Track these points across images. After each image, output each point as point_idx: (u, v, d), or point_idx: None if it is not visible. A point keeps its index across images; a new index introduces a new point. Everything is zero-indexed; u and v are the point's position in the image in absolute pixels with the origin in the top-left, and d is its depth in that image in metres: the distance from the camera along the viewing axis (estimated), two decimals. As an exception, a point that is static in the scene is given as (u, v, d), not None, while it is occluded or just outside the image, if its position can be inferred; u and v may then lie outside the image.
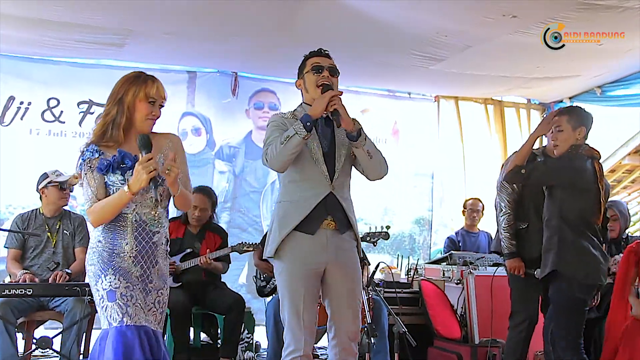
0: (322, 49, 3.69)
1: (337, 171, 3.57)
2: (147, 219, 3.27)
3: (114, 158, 3.18)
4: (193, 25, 5.82)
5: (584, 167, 4.27)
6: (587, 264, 4.20)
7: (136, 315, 3.14)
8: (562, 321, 4.22)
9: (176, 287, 5.82)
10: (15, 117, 6.70)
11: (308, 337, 3.56)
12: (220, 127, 7.40)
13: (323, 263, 3.55)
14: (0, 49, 6.53)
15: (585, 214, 4.26)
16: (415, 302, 5.92)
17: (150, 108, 3.28)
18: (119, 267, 3.19)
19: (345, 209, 3.58)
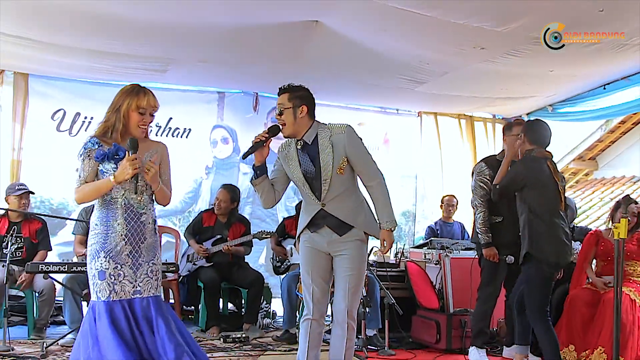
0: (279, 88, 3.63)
1: (324, 191, 3.52)
2: (134, 203, 3.25)
3: (109, 150, 3.18)
4: (222, 54, 5.82)
5: (541, 167, 4.29)
6: (556, 248, 4.23)
7: (122, 291, 3.17)
8: (535, 294, 4.28)
9: (208, 267, 5.87)
10: (81, 129, 6.72)
11: (317, 306, 3.59)
12: (244, 137, 7.36)
13: (326, 250, 3.59)
14: (69, 75, 6.60)
15: (550, 205, 4.28)
16: (402, 279, 5.90)
17: (140, 117, 3.24)
18: (109, 249, 3.19)
19: (339, 218, 3.54)
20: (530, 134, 4.41)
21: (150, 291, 3.26)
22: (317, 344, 3.67)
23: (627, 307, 4.68)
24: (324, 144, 3.52)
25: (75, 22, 4.88)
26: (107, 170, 3.19)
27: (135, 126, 3.24)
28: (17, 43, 5.38)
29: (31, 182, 6.15)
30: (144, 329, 3.17)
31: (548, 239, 4.22)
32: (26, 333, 5.43)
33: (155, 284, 3.29)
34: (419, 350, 5.29)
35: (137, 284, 3.22)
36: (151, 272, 3.29)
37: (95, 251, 3.19)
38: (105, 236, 3.20)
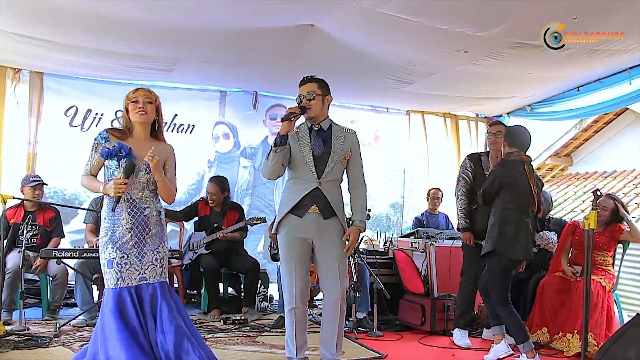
0: (305, 77, 3.71)
1: (326, 172, 3.61)
2: (136, 198, 3.33)
3: (113, 148, 3.26)
4: (223, 55, 5.81)
5: (517, 170, 4.31)
6: (520, 247, 4.26)
7: (128, 278, 3.25)
8: (496, 284, 4.31)
9: (207, 254, 5.88)
10: (92, 124, 6.70)
11: (300, 296, 3.62)
12: (244, 133, 7.39)
13: (309, 237, 3.62)
14: (81, 74, 6.58)
15: (522, 205, 4.30)
16: (390, 266, 5.89)
17: (135, 105, 3.37)
18: (116, 241, 3.27)
19: (329, 201, 3.61)
20: (510, 138, 4.43)
21: (155, 277, 3.33)
22: (304, 328, 3.70)
23: (599, 292, 4.72)
24: (338, 134, 3.70)
25: (87, 24, 4.86)
26: (110, 166, 3.31)
27: (134, 115, 3.36)
28: (32, 44, 5.36)
29: (45, 173, 6.14)
30: (147, 313, 3.24)
31: (515, 238, 4.25)
32: (41, 314, 5.46)
33: (160, 271, 3.34)
34: (405, 331, 5.31)
35: (143, 271, 3.28)
36: (156, 260, 3.34)
37: (104, 243, 3.28)
38: (113, 229, 3.28)
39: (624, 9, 4.00)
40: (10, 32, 5.12)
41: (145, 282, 3.29)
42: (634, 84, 5.64)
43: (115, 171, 3.29)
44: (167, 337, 3.20)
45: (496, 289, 4.30)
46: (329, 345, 3.67)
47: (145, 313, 3.24)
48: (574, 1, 4.03)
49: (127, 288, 3.23)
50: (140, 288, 3.27)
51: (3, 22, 4.91)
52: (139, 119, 3.36)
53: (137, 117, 3.35)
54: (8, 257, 5.10)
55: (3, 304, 4.66)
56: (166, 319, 3.23)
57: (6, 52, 5.74)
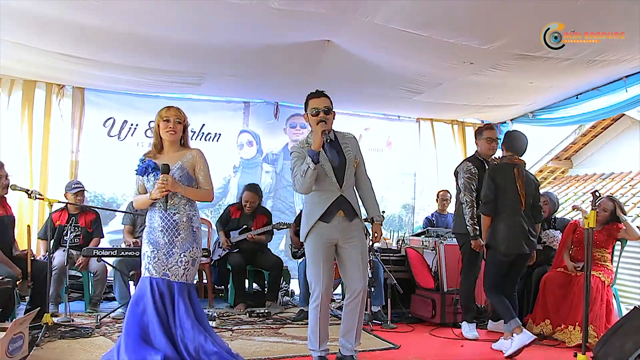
0: (318, 90, 3.70)
1: (345, 180, 3.63)
2: (171, 206, 3.44)
3: (141, 166, 3.46)
4: (247, 69, 5.83)
5: (506, 173, 4.41)
6: (509, 242, 4.34)
7: (155, 270, 3.39)
8: (489, 275, 4.52)
9: (235, 252, 5.92)
10: (128, 134, 6.78)
11: (326, 292, 3.62)
12: (266, 140, 7.41)
13: (335, 239, 3.62)
14: (118, 88, 6.66)
15: (509, 205, 4.39)
16: (402, 263, 5.90)
17: (166, 124, 3.47)
18: (150, 238, 3.44)
19: (351, 205, 3.65)
20: (507, 143, 4.56)
21: (177, 277, 3.42)
22: (327, 323, 3.71)
23: (598, 287, 4.68)
24: (344, 142, 3.71)
25: (124, 43, 4.92)
26: (147, 181, 3.47)
27: (164, 133, 3.48)
28: (75, 62, 5.44)
29: (86, 179, 6.24)
30: (167, 303, 3.35)
31: (504, 233, 4.35)
32: (83, 307, 5.54)
33: (182, 272, 3.42)
34: (417, 324, 5.30)
35: (167, 268, 3.40)
36: (181, 262, 3.42)
37: (143, 239, 3.48)
38: (150, 229, 3.46)
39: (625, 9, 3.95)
40: (56, 52, 5.21)
41: (167, 278, 3.39)
42: (630, 91, 5.58)
43: (147, 185, 3.48)
44: (185, 331, 3.30)
45: (489, 279, 4.47)
46: (348, 335, 3.67)
47: (165, 303, 3.35)
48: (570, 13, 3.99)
49: (150, 278, 3.39)
50: (161, 281, 3.38)
51: (50, 44, 5.01)
52: (169, 138, 3.48)
53: (167, 135, 3.47)
54: (54, 255, 5.17)
55: (50, 297, 4.72)
56: (183, 314, 3.33)
57: (52, 69, 5.85)
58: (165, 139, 3.49)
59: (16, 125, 6.27)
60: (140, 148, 6.78)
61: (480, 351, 4.37)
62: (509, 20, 4.19)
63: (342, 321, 3.73)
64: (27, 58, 5.46)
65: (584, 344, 3.62)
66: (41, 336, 4.11)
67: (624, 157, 8.77)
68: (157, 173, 3.38)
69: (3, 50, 5.23)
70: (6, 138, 6.19)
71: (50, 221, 4.86)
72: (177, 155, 3.50)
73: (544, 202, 5.55)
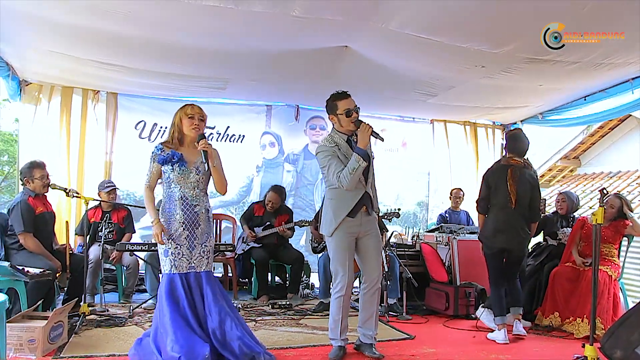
0: (344, 92, 3.70)
1: (370, 178, 3.65)
2: (189, 196, 3.44)
3: (167, 155, 3.43)
4: (269, 74, 5.84)
5: (499, 173, 4.47)
6: (497, 237, 4.41)
7: (180, 266, 3.38)
8: (488, 269, 4.57)
9: (259, 247, 5.96)
10: (157, 136, 6.83)
11: (349, 283, 3.66)
12: (288, 141, 7.42)
13: (356, 233, 3.65)
14: (148, 93, 6.73)
15: (499, 203, 4.44)
16: (417, 257, 5.90)
17: (191, 121, 3.48)
18: (171, 233, 3.40)
19: (372, 200, 3.67)
20: (508, 144, 4.63)
21: (202, 267, 3.44)
22: (347, 313, 3.72)
23: (606, 281, 4.63)
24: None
25: (154, 51, 4.97)
26: (166, 171, 3.45)
27: (188, 129, 3.48)
28: (109, 69, 5.51)
29: (119, 178, 6.34)
30: (196, 296, 3.36)
31: (490, 228, 4.45)
32: (117, 298, 5.62)
33: (206, 262, 3.45)
34: (431, 315, 5.30)
35: (192, 261, 3.40)
36: (204, 252, 3.45)
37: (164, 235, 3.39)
38: (168, 223, 3.40)
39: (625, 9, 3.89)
40: (91, 60, 5.29)
41: (194, 270, 3.41)
42: (636, 93, 5.51)
43: (170, 174, 3.43)
44: (213, 317, 3.31)
45: (489, 270, 4.53)
46: (368, 323, 3.69)
47: (194, 296, 3.37)
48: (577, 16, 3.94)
49: (179, 274, 3.37)
50: (189, 275, 3.40)
51: (85, 52, 5.09)
52: (193, 134, 3.48)
53: (192, 132, 3.48)
54: (90, 250, 5.27)
55: (87, 289, 4.80)
56: (211, 301, 3.35)
57: (88, 76, 5.95)
58: (189, 134, 3.49)
59: (55, 129, 6.39)
60: (170, 149, 6.86)
61: (491, 341, 4.34)
62: (518, 25, 4.15)
63: (360, 310, 3.74)
64: (65, 66, 5.55)
65: (592, 336, 3.59)
66: (79, 324, 4.19)
67: (630, 156, 8.69)
68: (182, 164, 3.40)
69: (44, 59, 5.35)
70: (46, 141, 6.32)
71: (85, 218, 4.93)
72: (197, 151, 3.49)
73: (562, 200, 5.54)
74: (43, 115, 6.33)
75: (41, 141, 6.29)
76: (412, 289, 5.31)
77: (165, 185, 3.49)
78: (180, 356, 3.05)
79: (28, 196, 4.47)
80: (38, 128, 6.30)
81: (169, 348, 3.12)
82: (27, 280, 4.01)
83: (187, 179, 3.43)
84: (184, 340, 3.14)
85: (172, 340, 3.14)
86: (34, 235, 4.40)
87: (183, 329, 3.20)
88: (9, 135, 16.63)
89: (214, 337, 3.27)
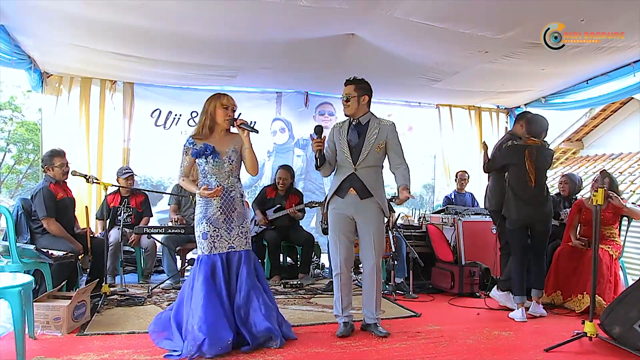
0: (347, 79, 3.76)
1: (360, 159, 3.62)
2: (225, 184, 3.44)
3: (200, 148, 3.39)
4: (279, 62, 5.83)
5: (518, 153, 4.45)
6: (516, 211, 4.44)
7: (220, 247, 3.40)
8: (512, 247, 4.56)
9: (271, 229, 5.98)
10: (172, 124, 6.88)
11: (344, 261, 3.68)
12: (297, 127, 7.42)
13: (350, 214, 3.66)
14: (163, 82, 6.76)
15: (518, 181, 4.44)
16: (423, 238, 5.89)
17: (225, 112, 3.47)
18: (209, 217, 3.40)
19: (364, 184, 3.62)
20: (527, 126, 4.54)
21: (242, 246, 3.47)
22: (349, 291, 3.75)
23: (607, 260, 4.60)
24: (373, 127, 3.68)
25: (167, 41, 4.98)
26: (200, 163, 3.45)
27: (222, 120, 3.46)
28: (125, 60, 5.54)
29: (137, 164, 6.38)
30: (232, 274, 3.40)
31: (512, 204, 4.45)
32: (136, 279, 5.68)
33: (245, 242, 3.48)
34: (437, 294, 5.30)
35: (232, 241, 3.43)
36: (241, 232, 3.48)
37: (199, 219, 3.43)
38: (206, 208, 3.42)
39: (625, 9, 3.82)
40: (108, 52, 5.31)
41: (234, 249, 3.43)
42: (638, 76, 5.42)
43: (205, 167, 3.44)
44: (242, 294, 3.35)
45: (513, 250, 4.52)
46: (368, 305, 3.72)
47: (231, 274, 3.40)
48: (580, 3, 3.88)
49: (219, 255, 3.39)
50: (229, 254, 3.43)
51: (103, 44, 5.11)
52: (226, 124, 3.49)
53: (225, 122, 3.47)
54: (110, 233, 5.33)
55: (108, 270, 4.88)
56: (244, 279, 3.39)
57: (105, 67, 5.98)
58: (222, 124, 3.47)
59: (75, 118, 6.44)
60: (184, 136, 6.86)
61: (494, 318, 4.36)
62: (520, 11, 4.09)
63: (363, 293, 3.78)
64: (83, 58, 5.58)
65: (592, 312, 3.58)
66: (101, 304, 4.27)
67: (632, 138, 8.61)
68: (215, 156, 3.40)
69: (63, 52, 5.37)
70: (67, 130, 6.38)
71: (105, 203, 4.98)
72: (228, 139, 3.51)
73: (564, 182, 5.52)
74: (64, 106, 6.38)
75: (63, 130, 6.35)
76: (419, 269, 5.32)
77: (201, 176, 3.49)
78: (205, 338, 3.07)
79: (49, 183, 4.52)
80: (59, 118, 6.37)
81: (196, 327, 3.13)
82: (51, 262, 4.07)
83: (221, 169, 3.45)
84: (212, 322, 3.15)
85: (201, 319, 3.15)
86: (56, 220, 4.46)
87: (214, 310, 3.20)
88: (33, 124, 16.79)
89: (237, 313, 3.31)
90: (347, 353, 3.29)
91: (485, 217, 5.82)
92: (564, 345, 3.44)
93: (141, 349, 3.25)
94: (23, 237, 4.39)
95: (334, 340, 3.54)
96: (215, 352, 3.08)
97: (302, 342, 3.48)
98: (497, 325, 4.10)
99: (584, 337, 3.49)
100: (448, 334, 3.77)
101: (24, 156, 19.52)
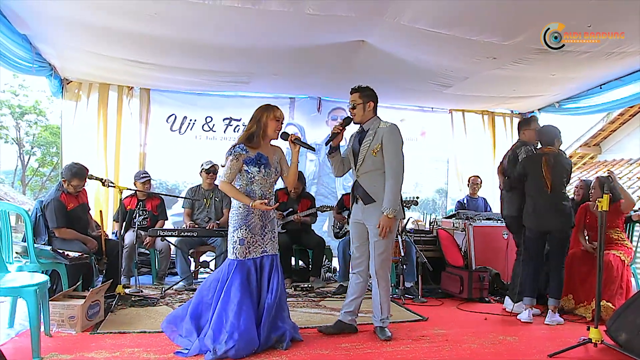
0: (351, 88, 3.79)
1: (359, 166, 3.70)
2: (267, 194, 3.53)
3: (256, 157, 3.47)
4: (291, 68, 5.91)
5: (535, 162, 4.51)
6: (534, 219, 4.48)
7: (255, 252, 3.48)
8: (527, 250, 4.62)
9: (282, 232, 6.04)
10: (187, 129, 7.01)
11: (358, 262, 3.76)
12: (310, 132, 7.49)
13: (361, 220, 3.74)
14: (178, 88, 6.88)
15: (536, 189, 4.48)
16: (434, 242, 5.91)
17: (276, 124, 3.55)
18: (249, 224, 3.47)
19: (366, 190, 3.68)
20: (539, 137, 4.64)
21: (274, 250, 3.60)
22: (354, 292, 3.81)
23: (618, 266, 4.57)
24: (370, 131, 3.70)
25: (182, 49, 5.09)
26: (251, 172, 3.49)
27: (273, 131, 3.55)
28: (141, 67, 5.67)
29: (153, 168, 6.52)
30: (265, 277, 3.49)
31: (532, 213, 4.49)
32: (150, 280, 5.81)
33: (275, 246, 3.61)
34: (446, 299, 5.30)
35: (265, 246, 3.54)
36: (273, 237, 3.60)
37: (238, 225, 3.49)
38: (247, 215, 3.49)
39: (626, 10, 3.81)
40: (126, 59, 5.45)
41: (267, 254, 3.54)
42: (654, 80, 5.39)
43: (255, 175, 3.49)
44: (272, 294, 3.45)
45: (527, 250, 4.57)
46: (375, 310, 3.78)
47: (262, 277, 3.50)
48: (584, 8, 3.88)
49: (252, 259, 3.49)
50: (262, 258, 3.53)
51: (120, 51, 5.25)
52: (275, 136, 3.59)
53: (275, 134, 3.57)
54: (125, 235, 5.46)
55: (122, 271, 5.01)
56: (276, 282, 3.50)
57: (122, 74, 6.13)
58: (272, 136, 3.56)
59: (93, 123, 6.62)
60: (198, 141, 7.04)
61: (501, 323, 4.36)
62: (527, 17, 4.10)
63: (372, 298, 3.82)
64: (101, 65, 5.74)
65: (597, 318, 3.57)
66: (115, 304, 4.38)
67: (650, 143, 8.46)
68: (267, 166, 3.49)
69: (82, 59, 5.54)
70: (86, 134, 6.55)
71: (122, 206, 5.09)
72: (272, 150, 3.62)
73: (580, 187, 5.52)
74: (83, 111, 6.56)
75: (82, 135, 6.53)
76: (428, 273, 5.33)
77: (246, 183, 3.52)
78: (234, 345, 3.17)
79: (61, 193, 4.64)
80: (79, 123, 6.55)
81: (226, 332, 3.23)
82: (67, 262, 4.20)
83: (268, 179, 3.55)
84: (244, 330, 3.24)
85: (233, 326, 3.24)
86: (67, 227, 4.58)
87: (248, 321, 3.29)
88: (56, 128, 17.17)
89: (265, 311, 3.40)
90: (351, 355, 3.34)
91: (496, 222, 5.81)
92: (569, 351, 3.44)
93: (151, 348, 3.35)
94: (41, 238, 4.53)
95: (338, 343, 3.59)
96: (240, 358, 3.19)
97: (307, 344, 3.54)
98: (503, 330, 4.11)
99: (589, 344, 3.48)
100: (453, 338, 3.79)
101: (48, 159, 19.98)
